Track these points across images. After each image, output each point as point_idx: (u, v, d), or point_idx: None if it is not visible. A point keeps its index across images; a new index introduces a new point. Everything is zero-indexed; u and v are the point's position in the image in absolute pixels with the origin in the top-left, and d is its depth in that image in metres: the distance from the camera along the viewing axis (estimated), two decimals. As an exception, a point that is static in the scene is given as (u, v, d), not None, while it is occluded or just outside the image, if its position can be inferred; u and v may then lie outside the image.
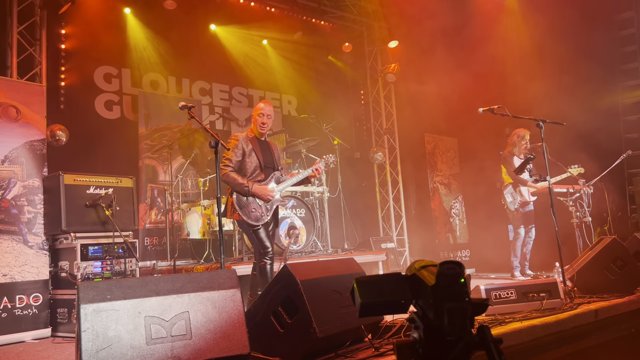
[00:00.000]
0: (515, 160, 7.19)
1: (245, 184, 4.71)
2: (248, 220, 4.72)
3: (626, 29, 9.04)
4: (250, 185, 4.72)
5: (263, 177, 4.87)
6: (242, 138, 4.87)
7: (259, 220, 4.75)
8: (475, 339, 1.17)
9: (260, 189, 4.76)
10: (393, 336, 3.51)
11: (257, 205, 4.76)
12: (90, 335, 2.60)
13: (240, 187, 4.71)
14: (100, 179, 5.50)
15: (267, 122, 4.96)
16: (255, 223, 4.73)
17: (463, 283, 1.16)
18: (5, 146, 5.18)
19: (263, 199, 4.78)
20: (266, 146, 5.04)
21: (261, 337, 3.21)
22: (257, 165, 4.86)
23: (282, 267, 3.34)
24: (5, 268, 4.96)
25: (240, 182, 4.71)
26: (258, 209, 4.76)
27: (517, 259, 7.27)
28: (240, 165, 4.83)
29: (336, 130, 8.10)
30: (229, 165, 4.77)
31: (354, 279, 1.26)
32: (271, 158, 5.01)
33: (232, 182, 4.74)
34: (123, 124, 7.51)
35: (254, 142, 4.91)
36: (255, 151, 4.86)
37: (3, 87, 5.28)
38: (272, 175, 4.94)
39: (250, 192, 4.71)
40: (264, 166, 4.89)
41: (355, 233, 8.47)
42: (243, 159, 4.82)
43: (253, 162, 4.85)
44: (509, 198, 7.22)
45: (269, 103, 5.08)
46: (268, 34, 9.00)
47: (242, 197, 4.73)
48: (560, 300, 4.28)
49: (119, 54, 7.45)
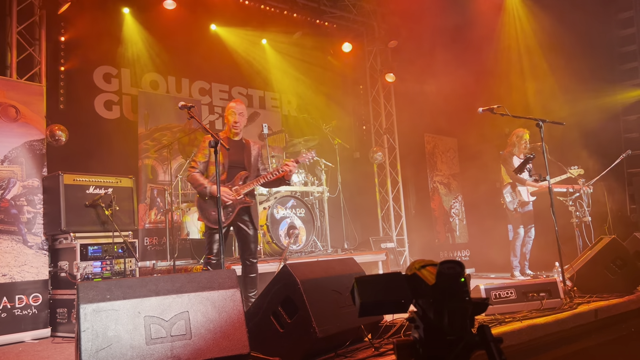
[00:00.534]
0: (514, 160, 7.20)
1: (204, 185, 4.64)
2: (207, 223, 4.66)
3: (626, 29, 9.04)
4: (208, 185, 4.63)
5: (225, 178, 4.75)
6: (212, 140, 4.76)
7: (216, 223, 4.50)
8: (476, 338, 1.16)
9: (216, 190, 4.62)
10: (393, 336, 3.51)
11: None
12: (90, 335, 2.60)
13: (200, 188, 4.66)
14: (99, 179, 5.49)
15: (240, 120, 4.88)
16: (213, 225, 4.62)
17: (463, 282, 1.16)
18: (4, 146, 5.18)
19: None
20: (239, 146, 4.92)
21: (261, 337, 3.21)
22: (221, 166, 4.73)
23: (282, 266, 3.33)
24: (5, 268, 4.96)
25: (201, 182, 4.65)
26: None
27: (516, 258, 7.27)
28: (206, 166, 4.78)
29: (336, 130, 8.10)
30: (194, 167, 4.75)
31: (353, 278, 1.26)
32: (242, 158, 4.88)
33: (194, 182, 4.70)
34: (123, 123, 7.51)
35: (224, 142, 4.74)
36: (222, 151, 4.67)
37: (2, 87, 5.28)
38: (239, 175, 4.80)
39: (207, 192, 4.63)
40: (228, 166, 4.78)
41: (355, 233, 8.47)
42: (209, 160, 4.77)
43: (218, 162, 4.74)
44: (508, 198, 7.24)
45: (239, 101, 5.03)
46: (267, 34, 9.01)
47: (202, 199, 4.67)
48: (560, 300, 4.28)
49: (118, 54, 7.44)
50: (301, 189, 6.88)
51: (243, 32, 8.63)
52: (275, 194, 6.53)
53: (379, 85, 9.99)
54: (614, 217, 7.53)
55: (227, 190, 4.69)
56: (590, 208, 6.68)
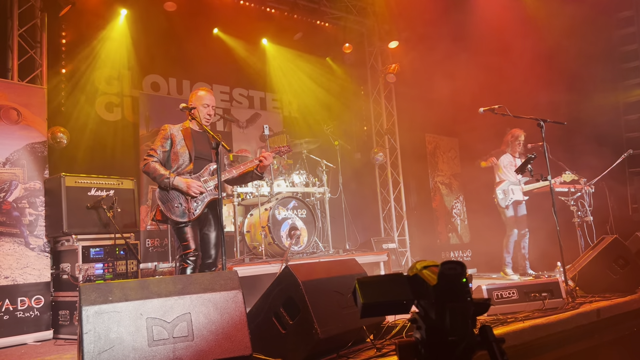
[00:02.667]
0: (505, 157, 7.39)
1: (166, 176, 4.24)
2: (172, 216, 4.24)
3: (626, 28, 9.04)
4: (171, 177, 4.25)
5: (192, 169, 4.40)
6: (173, 128, 4.48)
7: (184, 216, 4.27)
8: (477, 338, 1.16)
9: (183, 182, 4.27)
10: (395, 336, 3.51)
11: (183, 199, 4.29)
12: (92, 337, 2.60)
13: (161, 178, 4.25)
14: (101, 181, 5.50)
15: (212, 113, 4.59)
16: (180, 219, 4.27)
17: (465, 283, 1.16)
18: (6, 148, 5.19)
19: (187, 193, 4.28)
20: (204, 137, 4.58)
21: (263, 338, 3.21)
22: (187, 156, 4.40)
23: (284, 268, 3.33)
24: (7, 270, 4.97)
25: (162, 173, 4.26)
26: (184, 203, 4.28)
27: (509, 255, 7.34)
28: (167, 156, 4.40)
29: (337, 131, 8.11)
30: (152, 155, 4.34)
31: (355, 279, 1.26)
32: (208, 150, 4.53)
33: (152, 172, 4.29)
34: (124, 125, 7.51)
35: (186, 133, 4.49)
36: (186, 141, 4.43)
37: (4, 90, 5.29)
38: (207, 167, 4.46)
39: (170, 184, 4.24)
40: (195, 157, 4.42)
41: (356, 234, 8.46)
42: (171, 150, 4.40)
43: (182, 153, 4.40)
44: (501, 195, 7.31)
45: (211, 92, 4.69)
46: (268, 35, 9.02)
47: (164, 190, 4.28)
48: (562, 300, 4.28)
49: (119, 56, 7.44)
50: (302, 190, 6.88)
51: (244, 33, 8.64)
52: (277, 195, 6.54)
53: (380, 85, 10.00)
54: (616, 216, 7.52)
55: (197, 182, 4.34)
56: (591, 208, 6.68)
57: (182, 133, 4.48)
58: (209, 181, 4.41)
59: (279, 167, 7.01)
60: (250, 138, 8.79)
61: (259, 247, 6.20)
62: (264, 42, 9.07)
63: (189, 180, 4.32)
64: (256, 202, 6.47)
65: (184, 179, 4.30)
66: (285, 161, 7.47)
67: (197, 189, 4.31)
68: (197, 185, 4.32)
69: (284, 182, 6.69)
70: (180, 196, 4.30)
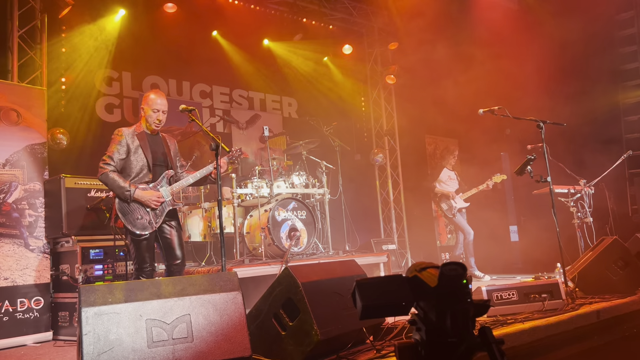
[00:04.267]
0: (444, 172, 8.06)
1: (126, 188, 4.13)
2: (133, 229, 4.15)
3: (626, 29, 9.04)
4: (132, 189, 4.14)
5: (151, 178, 4.32)
6: (128, 133, 4.34)
7: (146, 229, 4.20)
8: (477, 340, 1.16)
9: (144, 195, 4.19)
10: (395, 338, 3.51)
11: (144, 211, 4.21)
12: (92, 338, 2.60)
13: (121, 191, 4.13)
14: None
15: (162, 118, 4.43)
16: (142, 232, 4.18)
17: (465, 284, 1.16)
18: (6, 150, 5.19)
19: (147, 205, 4.22)
20: (158, 141, 4.48)
21: (262, 340, 3.21)
22: (144, 164, 4.30)
23: (284, 269, 3.33)
24: (7, 272, 4.97)
25: (122, 185, 4.13)
26: (145, 215, 4.21)
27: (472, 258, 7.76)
28: (124, 164, 4.26)
29: (336, 132, 8.10)
30: (109, 163, 4.19)
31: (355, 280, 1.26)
32: (164, 155, 4.45)
33: (111, 184, 4.15)
34: (124, 126, 7.48)
35: (141, 138, 4.36)
36: (142, 147, 4.31)
37: (4, 91, 5.29)
38: (164, 176, 4.39)
39: (131, 197, 4.14)
40: (152, 164, 4.33)
41: (356, 235, 8.46)
42: (127, 157, 4.25)
43: (139, 160, 4.29)
44: (445, 206, 7.89)
45: (162, 95, 4.52)
46: (268, 36, 9.02)
47: (124, 202, 4.17)
48: (562, 301, 4.28)
49: (119, 57, 7.44)
50: (302, 191, 6.88)
51: (244, 34, 8.64)
52: (277, 196, 6.54)
53: (380, 86, 10.00)
54: (616, 217, 7.53)
55: (156, 193, 4.27)
56: (591, 209, 6.68)
57: (137, 138, 4.35)
58: (167, 193, 4.35)
59: (278, 168, 7.00)
60: (250, 139, 8.80)
61: (259, 248, 6.19)
62: (265, 42, 9.07)
63: (148, 193, 4.24)
64: (256, 204, 6.47)
65: (144, 192, 4.21)
66: (285, 162, 7.47)
67: (157, 201, 4.26)
68: (156, 197, 4.26)
69: (283, 183, 6.68)
70: (140, 208, 4.21)
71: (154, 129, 4.44)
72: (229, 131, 8.62)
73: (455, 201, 7.84)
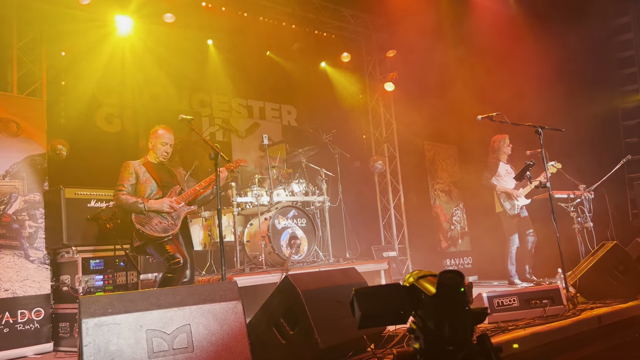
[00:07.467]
0: (501, 167, 7.35)
1: (139, 202, 4.52)
2: (155, 234, 4.48)
3: (624, 34, 9.08)
4: (145, 202, 4.53)
5: (161, 195, 4.70)
6: (135, 163, 4.78)
7: (167, 231, 4.55)
8: (476, 348, 1.17)
9: (157, 202, 4.59)
10: (395, 346, 3.50)
11: (161, 218, 4.58)
12: (92, 349, 2.59)
13: (135, 205, 4.51)
14: (101, 192, 5.52)
15: (169, 151, 4.90)
16: (164, 234, 4.52)
17: (463, 292, 1.16)
18: (6, 161, 5.20)
19: (163, 210, 4.59)
20: (164, 169, 4.93)
21: (263, 349, 3.20)
22: (154, 185, 4.70)
23: (284, 277, 3.33)
24: (7, 283, 4.96)
25: (133, 200, 4.53)
26: (163, 220, 4.58)
27: (514, 266, 7.27)
28: (135, 188, 4.67)
29: (336, 140, 8.11)
30: (121, 189, 4.60)
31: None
32: (170, 179, 4.88)
33: (124, 203, 4.54)
34: (123, 136, 7.52)
35: (148, 166, 4.80)
36: (150, 173, 4.74)
37: (3, 103, 5.31)
38: (172, 190, 4.76)
39: (145, 208, 4.52)
40: (162, 185, 4.74)
41: (356, 242, 8.45)
42: (137, 182, 4.68)
43: (149, 182, 4.70)
44: (507, 205, 7.25)
45: (170, 130, 4.95)
46: (267, 45, 9.04)
47: (140, 214, 4.52)
48: (563, 307, 4.27)
49: (118, 67, 7.45)
50: (302, 198, 6.88)
51: (242, 43, 8.67)
52: (277, 205, 6.54)
53: (378, 94, 10.02)
54: (616, 222, 7.52)
55: (169, 198, 4.65)
56: (591, 214, 6.68)
57: (144, 167, 4.77)
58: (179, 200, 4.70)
59: (278, 176, 7.00)
60: (249, 148, 8.81)
61: (259, 256, 6.19)
62: (263, 51, 9.09)
63: (162, 200, 4.62)
64: (256, 212, 6.47)
65: (157, 201, 4.60)
66: (284, 170, 7.48)
67: (170, 203, 4.61)
68: (169, 200, 4.62)
69: (283, 192, 6.69)
70: (157, 216, 4.57)
71: (161, 161, 4.88)
72: (229, 140, 8.63)
73: (519, 200, 7.23)
